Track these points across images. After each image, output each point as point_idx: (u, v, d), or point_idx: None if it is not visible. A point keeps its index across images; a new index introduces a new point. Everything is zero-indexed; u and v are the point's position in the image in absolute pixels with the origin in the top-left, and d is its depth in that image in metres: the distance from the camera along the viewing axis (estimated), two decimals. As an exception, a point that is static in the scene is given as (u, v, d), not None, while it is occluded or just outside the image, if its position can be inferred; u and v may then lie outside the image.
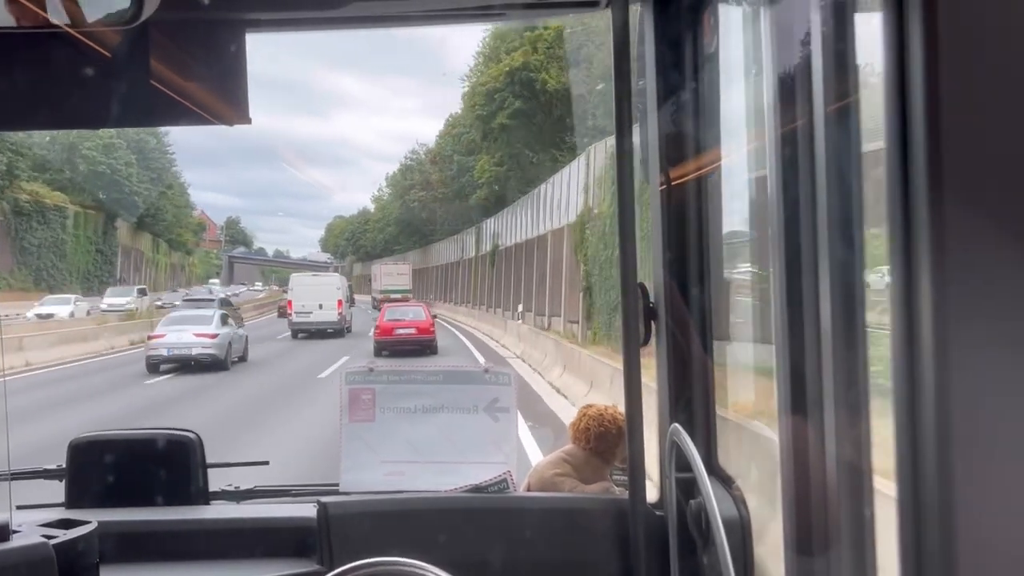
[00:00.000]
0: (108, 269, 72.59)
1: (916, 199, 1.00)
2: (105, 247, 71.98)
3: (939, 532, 0.99)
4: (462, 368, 3.33)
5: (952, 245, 0.97)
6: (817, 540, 1.50)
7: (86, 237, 68.40)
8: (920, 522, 1.01)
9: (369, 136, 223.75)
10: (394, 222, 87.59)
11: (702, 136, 2.51)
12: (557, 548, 2.82)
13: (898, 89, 1.02)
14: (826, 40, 1.41)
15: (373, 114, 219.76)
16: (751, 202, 2.56)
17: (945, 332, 0.98)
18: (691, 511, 2.33)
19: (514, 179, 48.40)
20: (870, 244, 1.38)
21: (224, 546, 2.75)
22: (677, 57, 2.51)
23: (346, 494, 2.99)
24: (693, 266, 2.54)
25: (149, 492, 2.99)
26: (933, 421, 0.99)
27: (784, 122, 1.57)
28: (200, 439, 3.10)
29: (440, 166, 68.29)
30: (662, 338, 2.59)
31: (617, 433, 3.10)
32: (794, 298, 1.54)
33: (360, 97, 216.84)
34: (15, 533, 2.13)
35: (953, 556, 0.98)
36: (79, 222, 66.43)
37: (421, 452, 3.06)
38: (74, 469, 3.03)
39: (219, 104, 2.54)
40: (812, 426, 1.49)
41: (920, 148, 1.00)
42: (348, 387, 3.11)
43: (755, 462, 2.63)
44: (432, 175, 70.59)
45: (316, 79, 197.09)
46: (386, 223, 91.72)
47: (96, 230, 70.42)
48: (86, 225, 68.19)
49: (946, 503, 0.98)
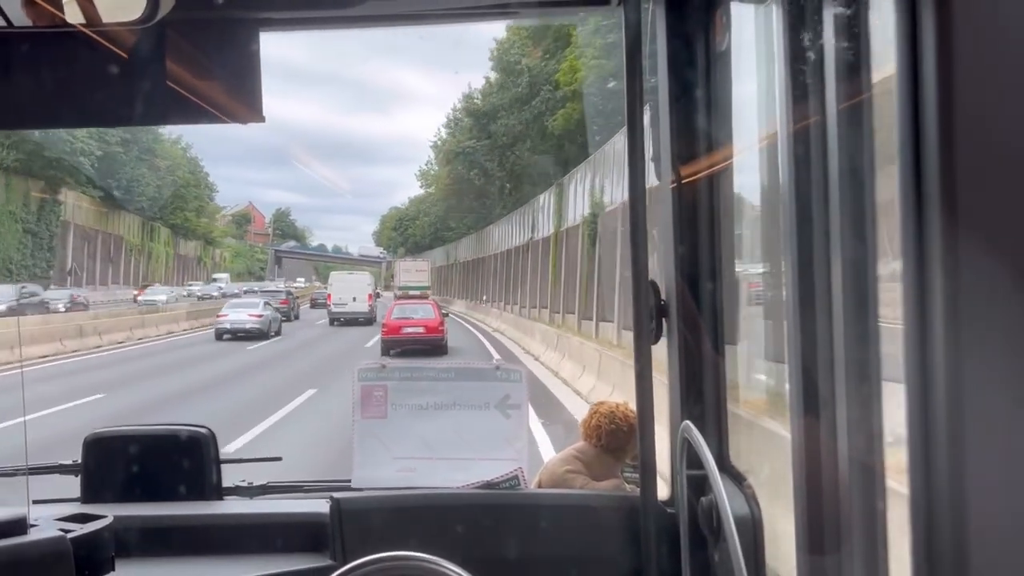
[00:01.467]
0: (46, 257, 58.29)
1: (928, 196, 1.00)
2: (39, 227, 57.29)
3: (951, 529, 0.99)
4: (473, 365, 3.35)
5: (965, 242, 0.97)
6: (829, 537, 1.50)
7: (7, 212, 53.98)
8: (932, 519, 1.01)
9: (431, 132, 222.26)
10: (443, 198, 75.08)
11: (714, 133, 2.51)
12: (568, 544, 2.83)
13: (911, 85, 1.02)
14: (838, 37, 1.41)
15: (438, 110, 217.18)
16: (763, 199, 2.56)
17: (957, 328, 0.98)
18: (702, 508, 2.33)
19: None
20: (882, 241, 1.38)
21: (237, 541, 2.77)
22: (689, 54, 2.51)
23: (358, 490, 3.01)
24: (704, 263, 2.54)
25: (163, 487, 3.01)
26: (945, 418, 0.99)
27: (796, 119, 1.57)
28: (213, 434, 3.12)
29: (505, 80, 54.13)
30: (673, 335, 2.59)
31: (628, 430, 3.11)
32: (806, 295, 1.54)
33: (422, 92, 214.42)
34: (32, 527, 2.16)
35: (965, 553, 0.98)
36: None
37: (433, 448, 3.08)
38: (89, 464, 3.05)
39: (233, 103, 2.56)
40: (824, 423, 1.50)
41: (933, 144, 0.99)
42: (361, 384, 3.13)
43: (767, 459, 2.64)
44: (494, 99, 55.48)
45: (377, 76, 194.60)
46: (432, 203, 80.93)
47: (26, 203, 55.40)
48: (9, 197, 53.69)
49: (958, 500, 0.98)
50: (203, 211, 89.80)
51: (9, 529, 2.09)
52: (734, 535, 1.94)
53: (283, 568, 2.65)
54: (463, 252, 69.55)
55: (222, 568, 2.61)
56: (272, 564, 2.66)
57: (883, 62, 1.25)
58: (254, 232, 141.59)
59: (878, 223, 1.39)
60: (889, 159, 1.13)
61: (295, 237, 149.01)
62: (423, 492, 2.96)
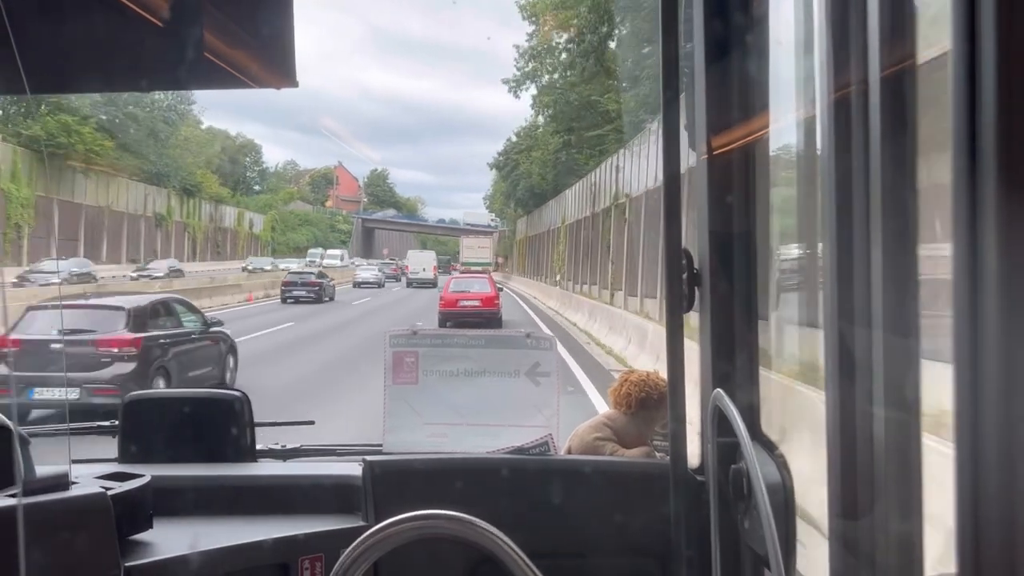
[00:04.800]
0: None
1: (984, 169, 0.95)
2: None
3: (997, 501, 0.96)
4: (504, 333, 3.36)
5: (1021, 211, 0.93)
6: (862, 505, 1.50)
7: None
8: (978, 488, 0.99)
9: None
10: (542, 143, 57.49)
11: (750, 101, 2.48)
12: (597, 510, 2.85)
13: (966, 51, 0.96)
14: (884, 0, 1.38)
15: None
16: (799, 169, 2.53)
17: (1011, 306, 0.94)
18: (733, 476, 2.34)
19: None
20: (925, 212, 1.36)
21: (271, 502, 2.82)
22: (726, 20, 2.48)
23: (390, 454, 3.04)
24: (739, 232, 2.53)
25: (198, 449, 3.07)
26: (996, 397, 0.96)
27: (837, 87, 1.54)
28: (247, 397, 3.16)
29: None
30: (706, 304, 2.58)
31: (659, 398, 3.12)
32: (844, 265, 1.52)
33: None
34: (73, 484, 2.21)
35: (1014, 522, 0.96)
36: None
37: (463, 415, 3.10)
38: (127, 426, 3.11)
39: (267, 68, 2.56)
40: (860, 390, 1.49)
41: (990, 118, 0.94)
42: (392, 350, 3.15)
43: (800, 427, 2.63)
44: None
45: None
46: (530, 150, 61.34)
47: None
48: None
49: (1007, 471, 0.95)
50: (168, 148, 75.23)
51: (51, 485, 2.15)
52: (766, 502, 1.94)
53: (315, 528, 2.69)
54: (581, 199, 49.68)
55: (255, 528, 2.65)
56: (304, 525, 2.70)
57: (934, 27, 1.22)
58: (341, 198, 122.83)
59: (920, 194, 1.37)
60: (936, 131, 1.10)
61: (394, 205, 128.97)
62: (454, 456, 2.99)
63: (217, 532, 2.60)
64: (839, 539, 1.59)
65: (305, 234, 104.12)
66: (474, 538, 1.93)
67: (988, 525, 0.97)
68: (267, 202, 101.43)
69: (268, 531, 2.64)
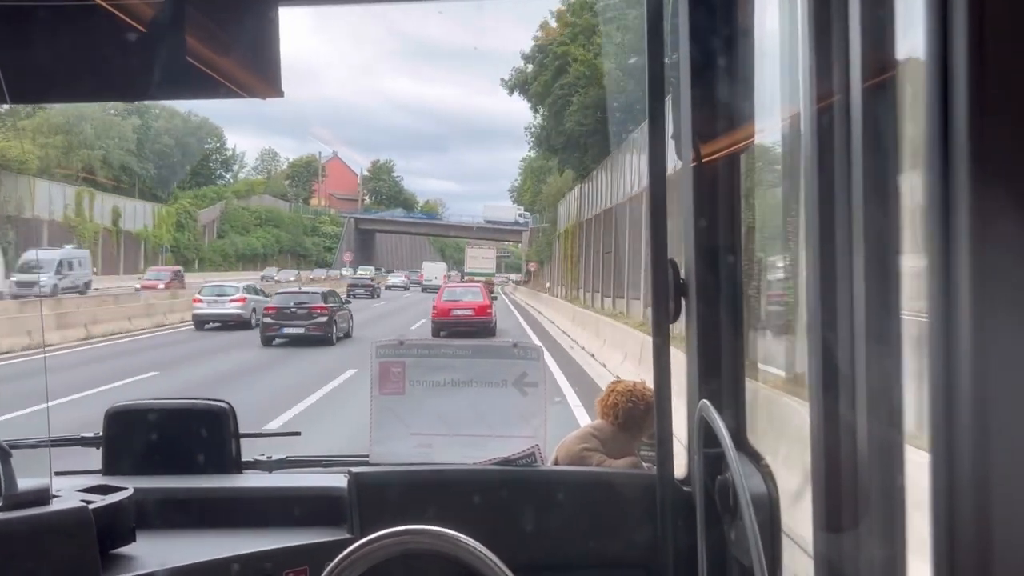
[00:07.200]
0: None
1: (957, 176, 0.97)
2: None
3: (973, 510, 0.98)
4: (491, 343, 3.35)
5: (992, 220, 0.95)
6: (847, 516, 1.50)
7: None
8: (954, 499, 1.00)
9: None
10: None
11: (735, 111, 2.48)
12: (584, 521, 2.84)
13: (940, 62, 0.98)
14: (864, 11, 1.38)
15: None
16: (784, 178, 2.53)
17: (983, 311, 0.96)
18: (719, 486, 2.33)
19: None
20: (906, 220, 1.36)
21: (256, 514, 2.80)
22: (711, 30, 2.48)
23: (376, 465, 3.02)
24: (724, 242, 2.53)
25: (183, 460, 3.04)
26: (970, 400, 0.97)
27: (820, 97, 1.55)
28: (233, 409, 3.14)
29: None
30: (692, 314, 2.58)
31: (645, 408, 3.11)
32: (827, 274, 1.52)
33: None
34: (55, 498, 2.19)
35: (988, 533, 0.97)
36: None
37: (450, 425, 3.09)
38: (111, 437, 3.08)
39: (252, 77, 2.55)
40: (844, 401, 1.49)
41: (962, 125, 0.96)
42: (378, 360, 3.14)
43: (785, 438, 2.63)
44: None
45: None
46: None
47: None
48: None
49: (982, 480, 0.97)
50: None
51: (32, 499, 2.12)
52: (751, 513, 1.93)
53: (301, 541, 2.67)
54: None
55: (240, 540, 2.63)
56: (290, 537, 2.68)
57: (912, 37, 1.22)
58: (335, 196, 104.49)
59: (902, 202, 1.37)
60: (917, 138, 1.10)
61: (402, 204, 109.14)
62: (440, 468, 2.98)
63: (201, 545, 2.58)
64: (824, 549, 1.59)
65: (262, 237, 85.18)
66: (459, 555, 1.92)
67: (964, 534, 0.98)
68: (208, 194, 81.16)
69: (253, 544, 2.62)
